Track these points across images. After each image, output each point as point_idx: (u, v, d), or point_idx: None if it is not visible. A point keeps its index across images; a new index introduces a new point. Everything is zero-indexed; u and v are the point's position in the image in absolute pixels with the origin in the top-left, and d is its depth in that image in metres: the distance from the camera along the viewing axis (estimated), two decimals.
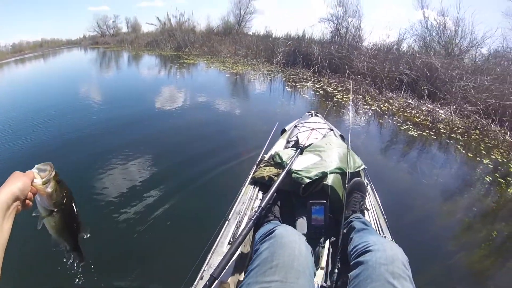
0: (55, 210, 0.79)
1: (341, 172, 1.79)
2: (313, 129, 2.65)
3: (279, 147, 2.52)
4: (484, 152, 5.55)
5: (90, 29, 36.31)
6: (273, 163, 2.04)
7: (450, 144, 5.61)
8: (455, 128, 6.58)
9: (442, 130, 6.20)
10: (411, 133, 5.69)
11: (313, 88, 8.83)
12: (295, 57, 13.20)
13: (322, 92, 8.42)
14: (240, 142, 4.30)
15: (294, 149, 2.14)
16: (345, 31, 14.14)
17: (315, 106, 6.89)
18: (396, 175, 4.07)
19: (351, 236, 1.38)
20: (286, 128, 2.99)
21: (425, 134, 5.80)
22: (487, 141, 6.26)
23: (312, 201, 1.53)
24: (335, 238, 1.53)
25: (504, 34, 13.73)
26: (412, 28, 13.77)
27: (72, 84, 9.78)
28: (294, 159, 1.89)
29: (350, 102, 3.87)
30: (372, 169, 3.86)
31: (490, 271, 2.58)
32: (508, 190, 4.25)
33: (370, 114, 6.65)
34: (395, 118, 6.53)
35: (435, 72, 9.17)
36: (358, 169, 1.99)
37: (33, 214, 0.80)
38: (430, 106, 8.12)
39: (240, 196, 1.83)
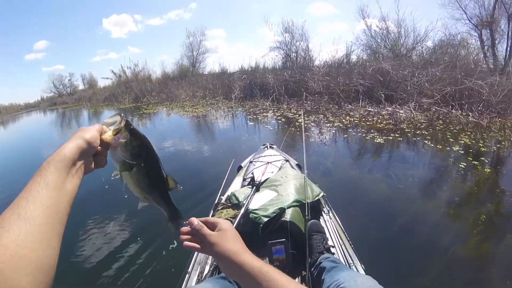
0: (134, 163, 0.69)
1: (300, 204, 1.75)
2: (268, 162, 2.56)
3: (236, 186, 2.41)
4: (452, 140, 5.54)
5: (47, 90, 36.03)
6: (230, 204, 1.95)
7: (418, 141, 5.54)
8: (419, 124, 6.59)
9: (406, 130, 6.18)
10: (377, 141, 5.58)
11: (275, 117, 8.76)
12: (251, 89, 13.34)
13: (283, 119, 8.33)
14: (199, 188, 4.00)
15: (250, 186, 2.08)
16: (295, 55, 14.63)
17: (279, 135, 6.74)
18: (372, 187, 3.84)
19: (322, 277, 1.32)
20: (242, 164, 2.88)
21: (391, 138, 5.73)
22: (452, 128, 6.31)
23: (272, 242, 1.47)
24: (304, 273, 1.47)
25: (445, 23, 14.71)
26: (357, 39, 14.41)
27: (32, 150, 9.20)
28: (251, 198, 1.84)
29: (303, 131, 3.65)
30: (345, 188, 3.77)
31: (489, 255, 2.52)
32: (485, 170, 4.22)
33: (333, 131, 6.55)
34: (358, 130, 6.46)
35: (387, 76, 9.39)
36: (317, 198, 1.95)
37: (112, 176, 0.70)
38: (390, 109, 8.22)
39: None
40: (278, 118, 8.57)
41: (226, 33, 44.80)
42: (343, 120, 7.35)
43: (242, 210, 1.70)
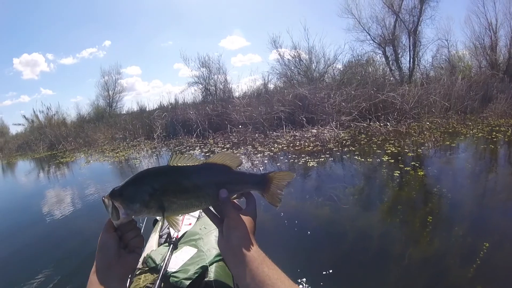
0: (156, 203, 0.65)
1: None
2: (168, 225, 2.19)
3: (152, 245, 2.07)
4: (379, 151, 5.55)
5: None
6: (147, 269, 1.65)
7: (348, 158, 5.41)
8: (344, 141, 6.54)
9: (334, 149, 6.05)
10: (310, 164, 5.31)
11: (202, 154, 8.22)
12: (174, 127, 12.67)
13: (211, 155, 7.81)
14: None
15: (167, 245, 1.80)
16: (214, 88, 14.50)
17: None
18: (315, 213, 3.55)
19: None
20: (158, 217, 2.43)
21: (322, 159, 5.51)
22: (375, 139, 6.38)
23: None
24: None
25: (351, 46, 16.24)
26: (273, 69, 14.87)
27: None
28: (169, 258, 1.60)
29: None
30: (285, 221, 3.38)
31: (442, 248, 2.59)
32: (418, 173, 4.29)
33: (265, 161, 6.16)
34: (289, 156, 6.17)
35: (305, 100, 9.54)
36: None
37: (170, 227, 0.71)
38: (314, 130, 8.23)
39: None
40: (207, 154, 8.04)
41: (142, 70, 43.77)
42: (272, 148, 7.04)
43: (161, 274, 1.47)
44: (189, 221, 2.10)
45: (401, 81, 10.80)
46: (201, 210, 2.07)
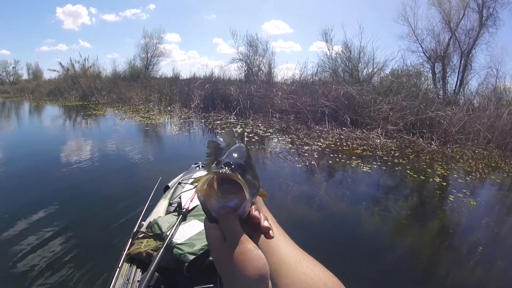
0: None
1: None
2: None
3: (160, 211, 2.09)
4: (429, 170, 5.76)
5: None
6: (151, 234, 1.71)
7: (400, 171, 5.64)
8: (392, 152, 6.77)
9: (384, 158, 6.28)
10: (364, 169, 5.53)
11: (245, 134, 8.43)
12: (213, 100, 12.75)
13: (256, 138, 8.03)
14: (120, 206, 3.55)
15: (176, 214, 1.82)
16: (257, 69, 14.60)
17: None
18: (367, 220, 3.73)
19: None
20: (170, 184, 2.55)
21: (375, 166, 5.75)
22: (423, 157, 6.59)
23: None
24: None
25: (402, 54, 16.13)
26: (322, 61, 14.89)
27: None
28: (176, 228, 1.62)
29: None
30: (335, 224, 3.62)
31: (483, 280, 2.73)
32: (471, 202, 4.45)
33: (315, 155, 6.30)
34: (339, 155, 6.33)
35: (353, 100, 9.65)
36: None
37: None
38: (358, 133, 8.44)
39: (114, 279, 1.49)
40: (250, 135, 8.26)
41: (181, 38, 43.80)
42: (319, 143, 7.25)
43: (166, 243, 1.49)
44: None
45: (447, 102, 10.83)
46: None
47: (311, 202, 3.97)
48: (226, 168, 0.42)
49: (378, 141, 7.62)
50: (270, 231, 0.49)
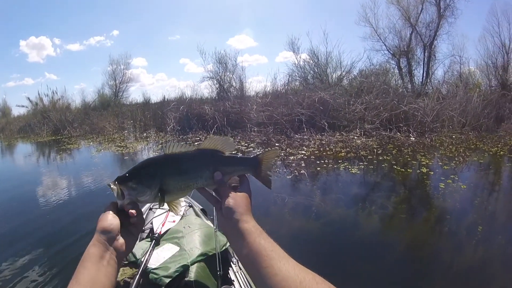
0: (159, 189, 0.74)
1: (206, 258, 1.61)
2: (169, 210, 2.19)
3: None
4: (414, 162, 5.85)
5: None
6: (126, 262, 1.68)
7: (387, 167, 5.65)
8: (375, 150, 6.82)
9: (369, 157, 6.30)
10: (352, 171, 5.50)
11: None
12: (188, 121, 12.56)
13: (240, 154, 7.88)
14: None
15: (149, 240, 1.82)
16: (228, 86, 14.62)
17: None
18: (366, 220, 3.71)
19: None
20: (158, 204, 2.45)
21: (362, 166, 5.74)
22: (405, 150, 6.68)
23: None
24: None
25: (368, 54, 16.67)
26: (292, 70, 15.17)
27: None
28: (150, 254, 1.63)
29: None
30: (335, 228, 3.54)
31: (487, 259, 2.78)
32: (461, 186, 4.54)
33: (302, 164, 6.18)
34: (326, 161, 6.30)
35: (327, 105, 9.76)
36: (224, 248, 1.75)
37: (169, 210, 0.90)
38: (338, 136, 8.50)
39: None
40: (233, 153, 8.09)
41: (148, 62, 43.53)
42: (303, 151, 7.17)
43: (141, 269, 1.50)
44: (173, 219, 2.11)
45: (417, 94, 11.14)
46: (186, 209, 2.26)
47: (308, 212, 3.90)
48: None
49: (359, 141, 7.66)
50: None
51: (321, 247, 3.10)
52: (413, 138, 7.78)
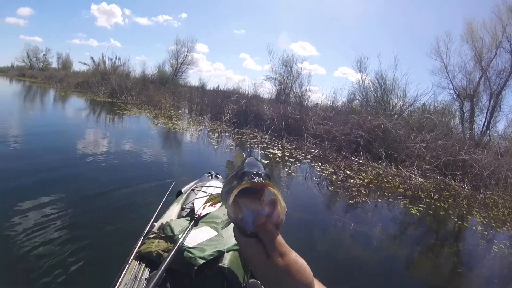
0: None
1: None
2: (211, 194, 2.23)
3: (172, 214, 2.17)
4: (469, 217, 6.12)
5: (19, 59, 35.82)
6: (163, 235, 1.75)
7: (443, 216, 5.97)
8: (431, 193, 7.13)
9: (427, 200, 6.62)
10: (412, 212, 5.83)
11: (284, 158, 8.77)
12: (246, 116, 13.01)
13: (298, 164, 8.28)
14: (132, 206, 3.81)
15: (189, 219, 1.86)
16: (289, 90, 15.01)
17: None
18: (424, 267, 4.03)
19: None
20: (183, 190, 2.63)
21: (421, 208, 6.09)
22: (460, 202, 6.95)
23: None
24: None
25: (435, 92, 16.27)
26: (356, 89, 15.35)
27: None
28: (187, 232, 1.64)
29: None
30: (390, 267, 3.80)
31: None
32: None
33: (362, 191, 6.58)
34: (385, 193, 6.63)
35: (389, 134, 10.04)
36: None
37: None
38: (394, 169, 8.81)
39: (122, 276, 1.51)
40: (291, 159, 8.55)
41: (209, 49, 44.84)
42: (361, 177, 7.57)
43: (177, 245, 1.51)
44: (214, 204, 2.08)
45: (476, 144, 11.16)
46: None
47: (368, 243, 4.17)
48: (258, 178, 0.46)
49: (414, 180, 7.97)
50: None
51: (377, 282, 3.37)
52: (467, 191, 7.98)
